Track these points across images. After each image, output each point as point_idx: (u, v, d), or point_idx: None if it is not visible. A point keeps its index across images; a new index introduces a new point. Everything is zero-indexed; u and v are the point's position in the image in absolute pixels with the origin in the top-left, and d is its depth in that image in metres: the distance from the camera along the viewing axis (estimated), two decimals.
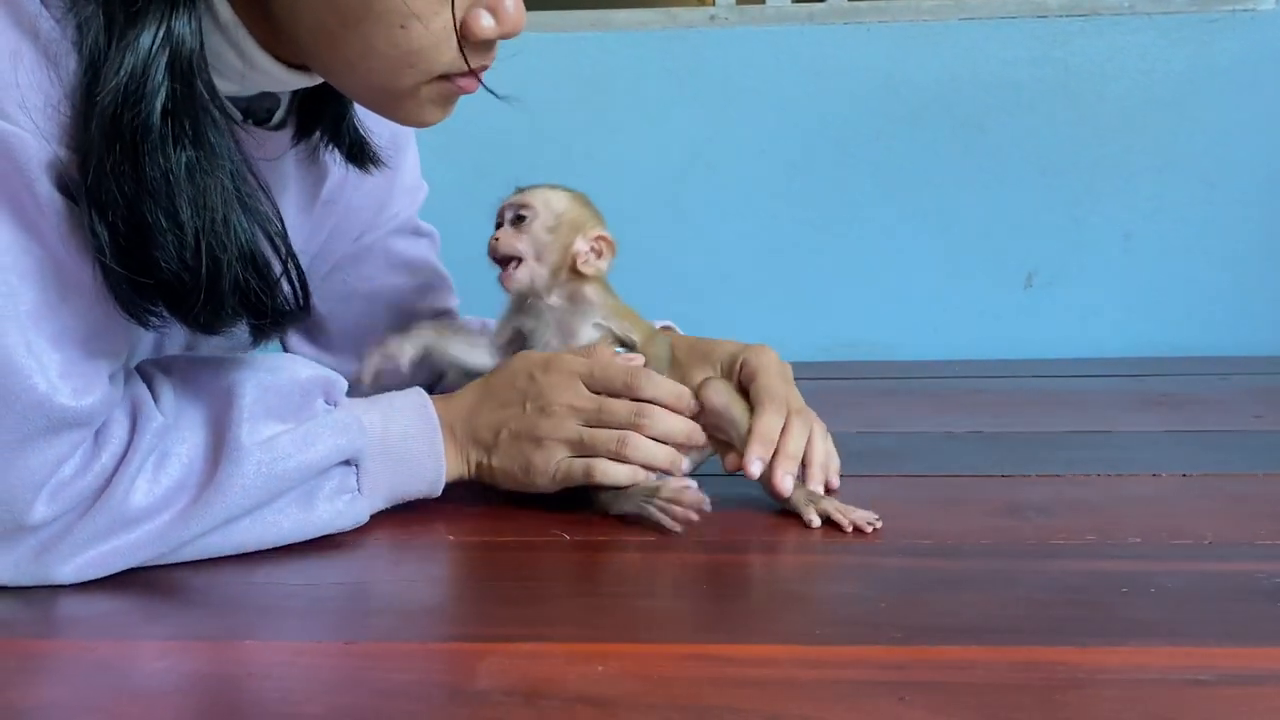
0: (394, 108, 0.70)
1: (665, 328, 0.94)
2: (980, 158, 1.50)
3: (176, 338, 0.82)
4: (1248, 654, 0.55)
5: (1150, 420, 1.09)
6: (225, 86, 0.69)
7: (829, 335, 1.55)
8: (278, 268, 0.69)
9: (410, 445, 0.77)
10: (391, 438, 0.77)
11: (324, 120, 0.81)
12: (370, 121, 0.85)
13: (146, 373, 0.73)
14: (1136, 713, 0.49)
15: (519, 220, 0.84)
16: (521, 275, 0.83)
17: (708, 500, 0.76)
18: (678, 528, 0.75)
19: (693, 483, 0.78)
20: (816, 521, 0.76)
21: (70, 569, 0.65)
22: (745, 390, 0.83)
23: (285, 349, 1.00)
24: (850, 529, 0.75)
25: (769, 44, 1.50)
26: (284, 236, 0.70)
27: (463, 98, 0.72)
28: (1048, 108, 1.49)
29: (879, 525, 0.75)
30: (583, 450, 0.78)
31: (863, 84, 1.50)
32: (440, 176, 1.56)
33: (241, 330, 0.72)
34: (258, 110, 0.78)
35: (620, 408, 0.78)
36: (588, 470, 0.78)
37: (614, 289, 0.87)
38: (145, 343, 0.79)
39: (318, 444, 0.72)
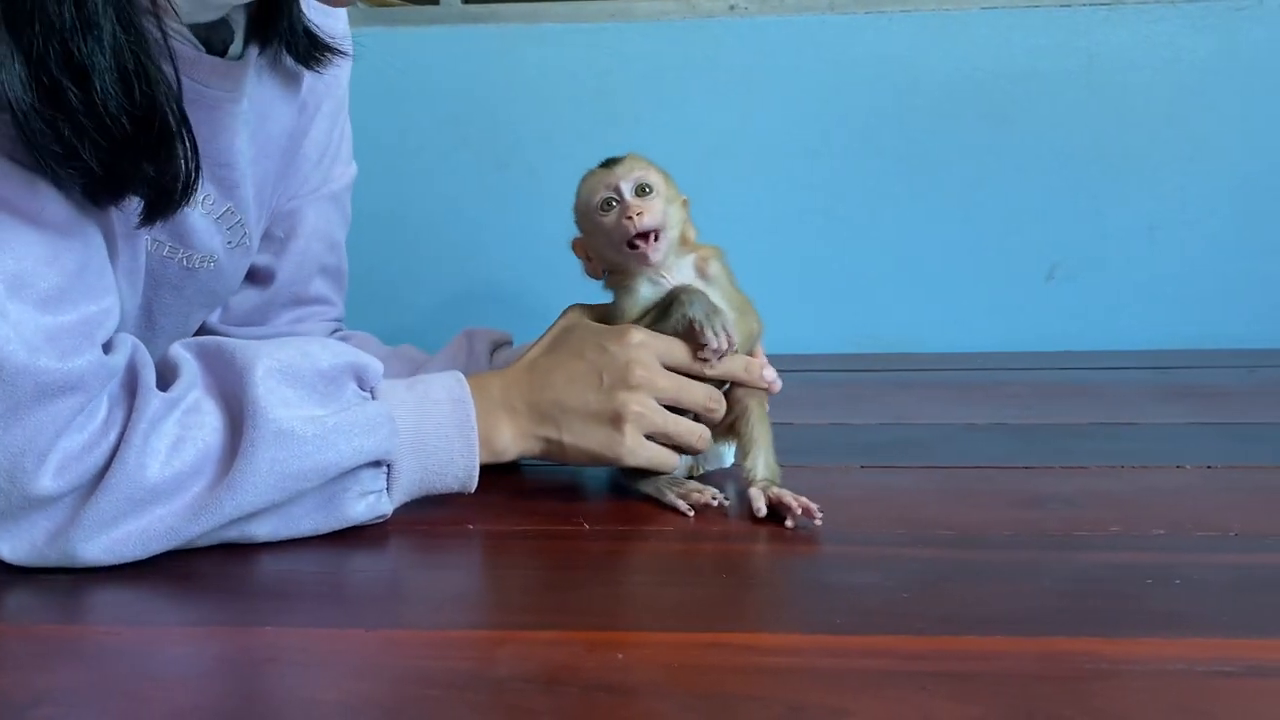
0: None
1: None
2: (1003, 148, 1.49)
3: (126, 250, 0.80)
4: (1273, 645, 0.54)
5: (1175, 412, 1.08)
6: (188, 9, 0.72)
7: (851, 327, 1.54)
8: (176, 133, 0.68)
9: (444, 445, 0.76)
10: (425, 434, 0.75)
11: (276, 30, 0.83)
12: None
13: (167, 357, 0.73)
14: (1161, 704, 0.48)
15: (644, 191, 0.80)
16: (663, 246, 0.80)
17: (725, 497, 0.78)
18: (690, 512, 0.76)
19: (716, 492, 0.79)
20: (764, 510, 0.75)
21: (92, 551, 0.65)
22: None
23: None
24: (800, 512, 0.73)
25: (789, 34, 1.49)
26: (179, 103, 0.68)
27: (483, 87, 0.73)
28: (1071, 98, 1.47)
29: (820, 517, 0.73)
30: (665, 440, 0.79)
31: (884, 74, 1.49)
32: (460, 169, 1.56)
33: (135, 206, 0.70)
34: (215, 42, 0.79)
35: (698, 392, 0.79)
36: (665, 463, 0.79)
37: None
38: (128, 289, 0.80)
39: (339, 444, 0.70)
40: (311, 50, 0.87)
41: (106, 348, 0.69)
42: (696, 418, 0.81)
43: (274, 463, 0.67)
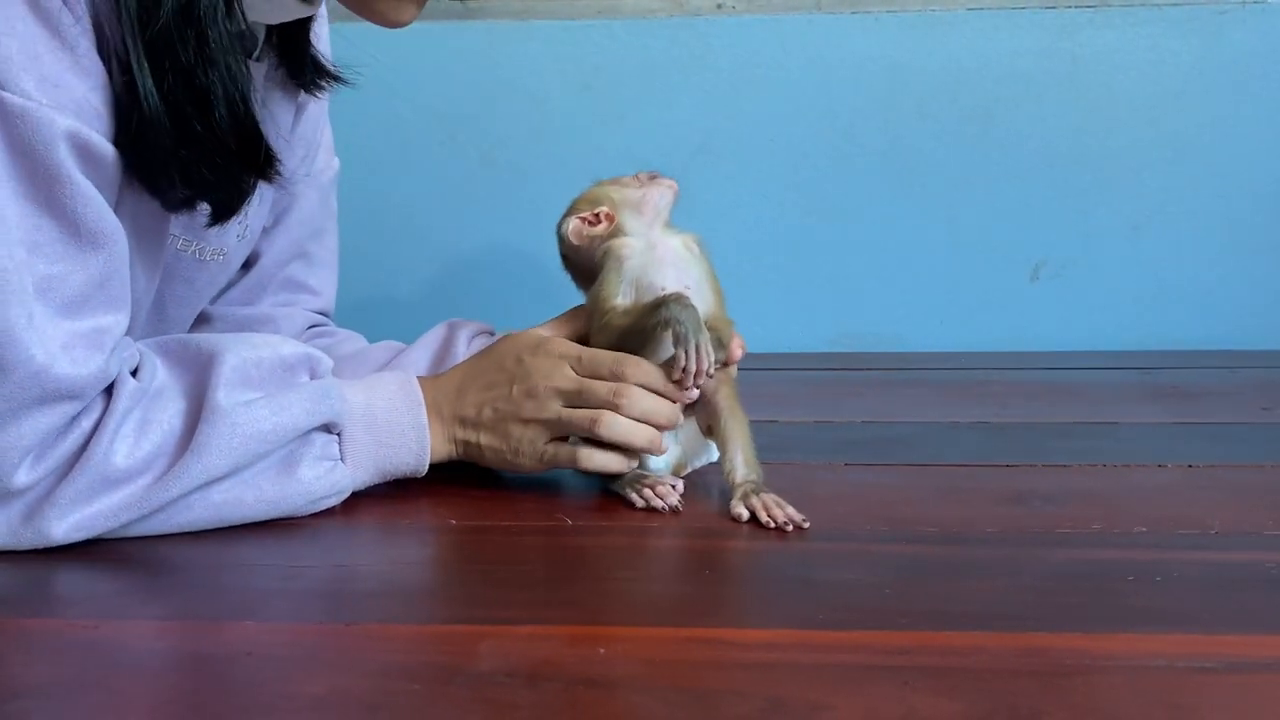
0: (370, 6, 0.76)
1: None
2: (987, 149, 1.49)
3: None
4: (1253, 641, 0.54)
5: (1156, 412, 1.09)
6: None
7: (835, 326, 1.54)
8: None
9: (394, 419, 0.79)
10: (375, 410, 0.78)
11: (295, 49, 0.88)
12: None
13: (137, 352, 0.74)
14: (1142, 700, 0.48)
15: None
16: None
17: (679, 498, 0.78)
18: (640, 503, 0.78)
19: (679, 482, 0.80)
20: (745, 515, 0.75)
21: (63, 529, 0.67)
22: None
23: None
24: (771, 525, 0.73)
25: (776, 32, 1.49)
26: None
27: (470, 83, 0.75)
28: (1055, 99, 1.48)
29: (806, 526, 0.73)
30: (559, 430, 0.79)
31: (870, 74, 1.49)
32: (446, 165, 1.56)
33: (203, 211, 0.78)
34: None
35: (600, 388, 0.79)
36: (573, 457, 0.79)
37: None
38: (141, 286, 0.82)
39: (293, 407, 0.73)
40: (316, 79, 0.91)
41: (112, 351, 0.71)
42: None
43: (233, 426, 0.70)
